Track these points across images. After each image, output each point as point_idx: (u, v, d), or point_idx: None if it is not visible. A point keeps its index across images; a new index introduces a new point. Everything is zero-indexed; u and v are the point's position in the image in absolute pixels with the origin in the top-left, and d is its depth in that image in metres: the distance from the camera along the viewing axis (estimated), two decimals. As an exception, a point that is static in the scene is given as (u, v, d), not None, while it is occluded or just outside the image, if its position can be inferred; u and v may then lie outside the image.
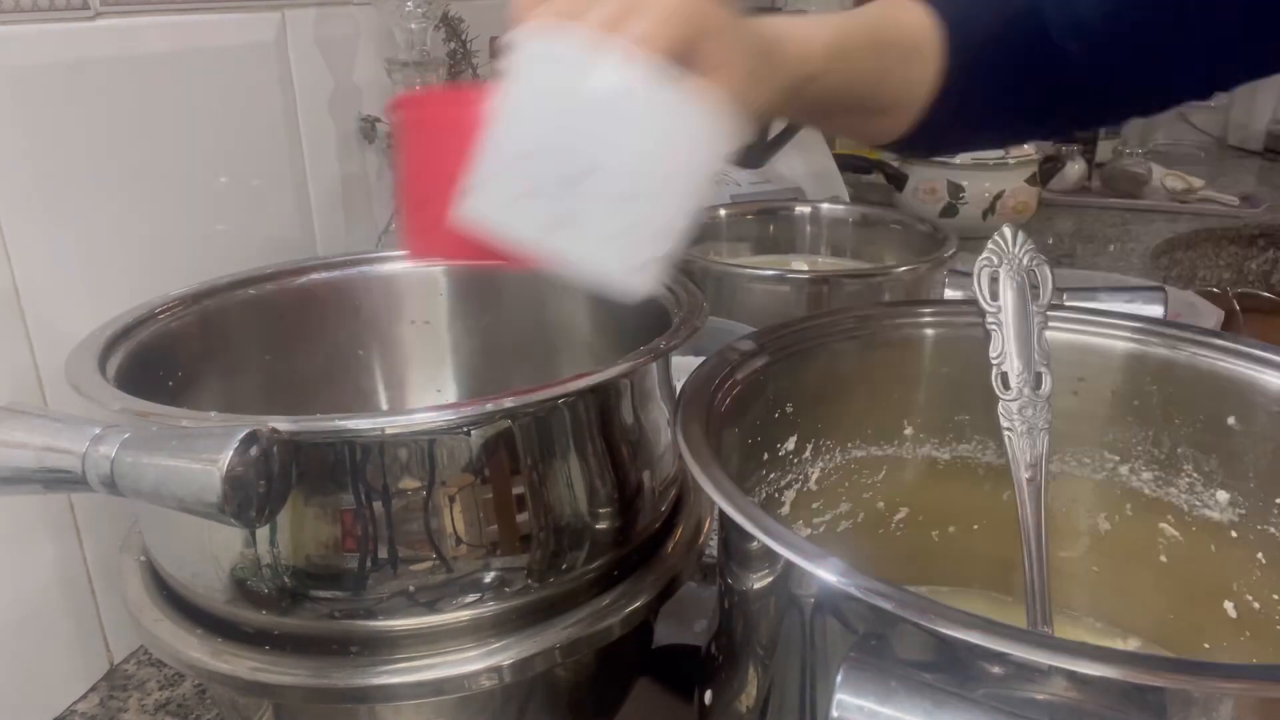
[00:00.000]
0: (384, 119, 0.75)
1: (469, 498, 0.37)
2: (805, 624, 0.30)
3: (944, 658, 0.26)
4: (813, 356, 0.44)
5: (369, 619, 0.37)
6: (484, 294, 0.60)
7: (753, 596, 0.34)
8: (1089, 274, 0.87)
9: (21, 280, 0.49)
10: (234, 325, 0.53)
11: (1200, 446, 0.44)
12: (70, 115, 0.51)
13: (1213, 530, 0.43)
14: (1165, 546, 0.45)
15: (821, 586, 0.29)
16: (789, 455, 0.45)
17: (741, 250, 1.00)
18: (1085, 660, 0.23)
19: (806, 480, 0.46)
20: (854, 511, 0.48)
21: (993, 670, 0.25)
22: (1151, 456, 0.45)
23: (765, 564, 0.32)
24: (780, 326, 0.44)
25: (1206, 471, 0.44)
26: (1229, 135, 2.08)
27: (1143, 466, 0.46)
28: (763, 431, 0.43)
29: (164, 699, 0.53)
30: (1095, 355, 0.45)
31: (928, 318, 0.47)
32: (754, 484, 0.43)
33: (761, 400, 0.42)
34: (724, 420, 0.38)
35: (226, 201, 0.62)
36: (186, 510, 0.30)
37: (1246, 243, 1.46)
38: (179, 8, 0.58)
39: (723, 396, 0.39)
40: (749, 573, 0.33)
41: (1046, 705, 0.24)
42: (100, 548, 0.54)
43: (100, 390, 0.38)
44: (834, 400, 0.46)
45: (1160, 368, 0.44)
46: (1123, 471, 0.46)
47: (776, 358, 0.43)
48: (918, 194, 1.32)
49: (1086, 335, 0.45)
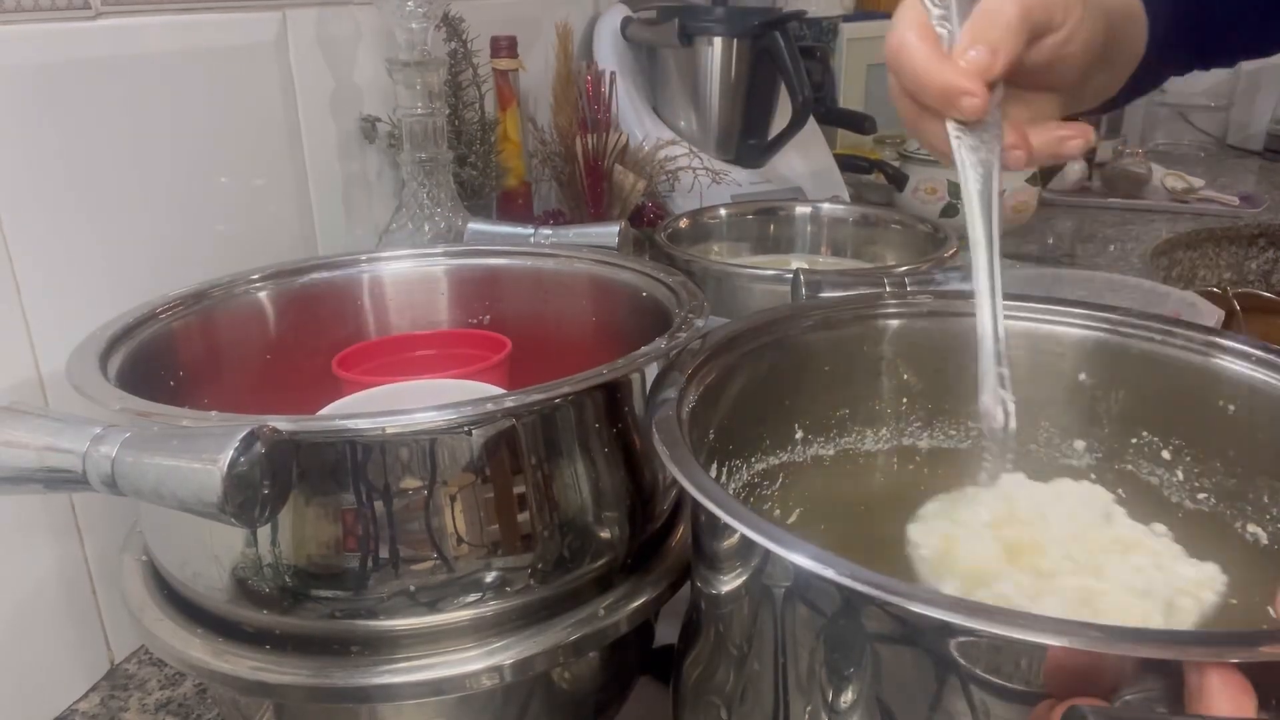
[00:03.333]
0: (384, 118, 0.75)
1: (470, 497, 0.37)
2: (776, 615, 0.31)
3: (914, 636, 0.27)
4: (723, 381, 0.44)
5: (370, 619, 0.37)
6: (484, 294, 0.60)
7: (724, 584, 0.34)
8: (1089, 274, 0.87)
9: (22, 280, 0.49)
10: (234, 325, 0.53)
11: (1055, 403, 0.46)
12: (70, 115, 0.51)
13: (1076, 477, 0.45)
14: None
15: (797, 572, 0.29)
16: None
17: (741, 250, 1.00)
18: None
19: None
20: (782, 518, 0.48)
21: (963, 644, 0.26)
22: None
23: (735, 549, 0.33)
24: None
25: (1064, 425, 0.46)
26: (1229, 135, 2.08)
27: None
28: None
29: (165, 698, 0.53)
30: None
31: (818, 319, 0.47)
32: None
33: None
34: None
35: (226, 201, 0.62)
36: (187, 510, 0.30)
37: (1246, 243, 1.46)
38: (179, 8, 0.58)
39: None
40: (719, 561, 0.34)
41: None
42: (101, 548, 0.54)
43: (101, 390, 0.38)
44: (737, 418, 0.45)
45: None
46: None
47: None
48: (918, 194, 1.32)
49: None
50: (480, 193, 0.85)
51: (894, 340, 0.48)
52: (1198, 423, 0.43)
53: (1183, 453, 0.43)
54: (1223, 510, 0.42)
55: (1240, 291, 1.09)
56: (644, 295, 0.53)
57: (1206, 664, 0.22)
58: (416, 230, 0.73)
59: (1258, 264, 1.47)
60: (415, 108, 0.70)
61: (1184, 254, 1.42)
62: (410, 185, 0.72)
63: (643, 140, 1.07)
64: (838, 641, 0.29)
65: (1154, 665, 0.24)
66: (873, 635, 0.28)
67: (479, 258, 0.61)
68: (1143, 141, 2.08)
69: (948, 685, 0.27)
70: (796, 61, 1.03)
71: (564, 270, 0.59)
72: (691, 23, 1.06)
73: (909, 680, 0.28)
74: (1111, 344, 0.45)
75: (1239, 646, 0.22)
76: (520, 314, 0.60)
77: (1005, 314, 0.45)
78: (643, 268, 0.55)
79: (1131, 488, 0.45)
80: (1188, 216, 1.46)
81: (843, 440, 0.48)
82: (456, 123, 0.83)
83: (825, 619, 0.29)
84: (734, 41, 1.06)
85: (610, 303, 0.57)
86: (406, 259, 0.60)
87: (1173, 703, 0.23)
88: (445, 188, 0.73)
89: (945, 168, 1.28)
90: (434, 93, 0.70)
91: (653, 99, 1.15)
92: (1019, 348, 0.47)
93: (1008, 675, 0.26)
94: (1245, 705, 0.22)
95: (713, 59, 1.07)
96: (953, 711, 0.27)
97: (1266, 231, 1.45)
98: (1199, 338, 0.43)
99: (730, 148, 1.12)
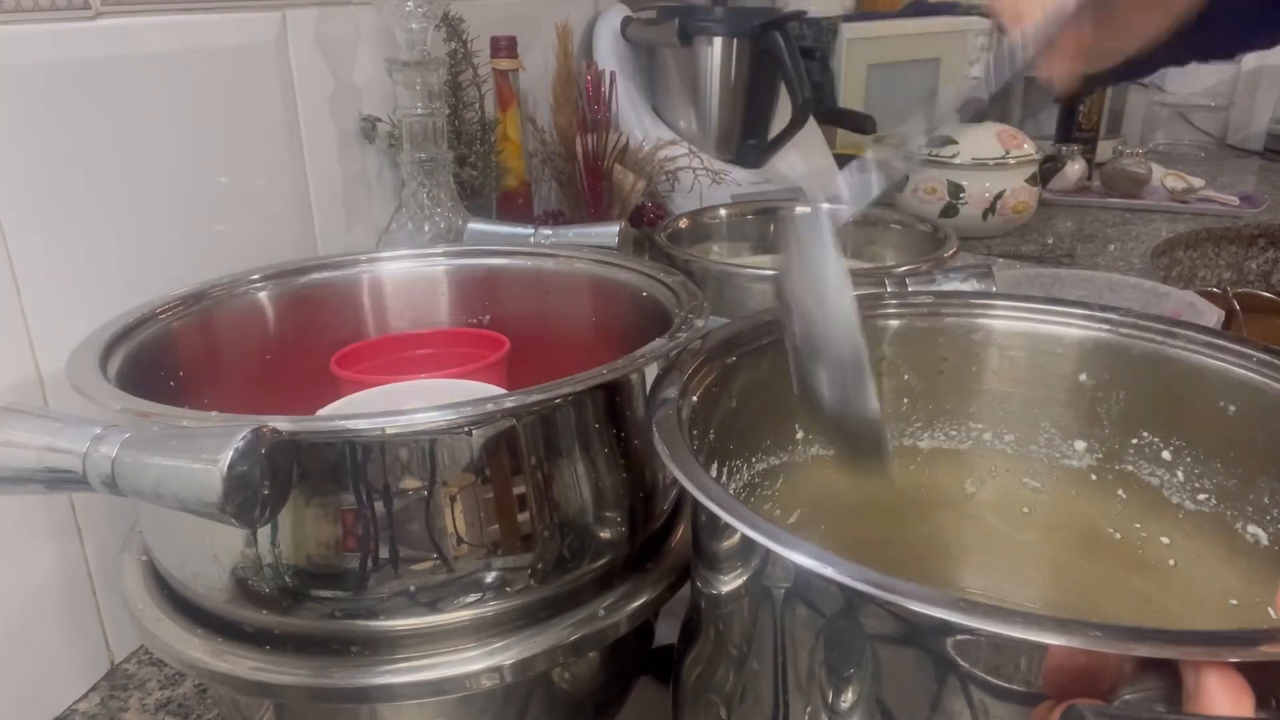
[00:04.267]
0: (384, 118, 0.75)
1: (470, 497, 0.37)
2: (776, 613, 0.31)
3: (914, 636, 0.27)
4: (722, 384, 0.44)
5: (370, 619, 0.37)
6: (484, 294, 0.61)
7: (724, 584, 0.34)
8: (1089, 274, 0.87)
9: (22, 280, 0.49)
10: (234, 325, 0.53)
11: (1055, 404, 0.47)
12: (70, 115, 0.51)
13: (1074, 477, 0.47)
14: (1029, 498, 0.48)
15: (797, 571, 0.29)
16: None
17: (741, 250, 1.00)
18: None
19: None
20: (783, 518, 0.48)
21: (962, 643, 0.26)
22: (1015, 419, 0.48)
23: (736, 549, 0.33)
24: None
25: (1064, 425, 0.47)
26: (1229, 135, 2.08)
27: (1005, 430, 0.48)
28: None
29: (165, 698, 0.53)
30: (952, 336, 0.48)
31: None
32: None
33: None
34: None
35: (226, 201, 0.62)
36: (187, 510, 0.30)
37: (1246, 243, 1.46)
38: (179, 8, 0.58)
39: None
40: (720, 561, 0.34)
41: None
42: (101, 547, 0.54)
43: (101, 390, 0.38)
44: (737, 418, 0.46)
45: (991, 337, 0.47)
46: (987, 438, 0.49)
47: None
48: (918, 194, 1.32)
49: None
50: (480, 193, 0.85)
51: (894, 340, 0.48)
52: (1199, 424, 0.43)
53: (1183, 453, 0.43)
54: (1223, 511, 0.42)
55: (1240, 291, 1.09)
56: (644, 295, 0.53)
57: (1204, 663, 0.22)
58: (416, 230, 0.73)
59: (1258, 264, 1.47)
60: (415, 108, 0.70)
61: (1184, 254, 1.42)
62: (410, 185, 0.72)
63: (642, 140, 1.07)
64: (838, 641, 0.29)
65: (1152, 665, 0.23)
66: (873, 635, 0.28)
67: (479, 258, 0.61)
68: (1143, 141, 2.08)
69: (947, 685, 0.27)
70: (796, 61, 1.03)
71: (564, 270, 0.59)
72: (691, 23, 1.06)
73: (909, 680, 0.28)
74: (1112, 344, 0.45)
75: (1237, 646, 0.22)
76: (520, 314, 0.60)
77: (1005, 314, 0.46)
78: (642, 268, 0.55)
79: (1132, 489, 0.45)
80: (1188, 216, 1.46)
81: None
82: (456, 123, 0.83)
83: (825, 619, 0.29)
84: (734, 41, 1.06)
85: (610, 303, 0.57)
86: (406, 259, 0.60)
87: (1171, 703, 0.23)
88: (445, 188, 0.73)
89: (945, 168, 1.29)
90: (434, 93, 0.70)
91: (653, 99, 1.15)
92: (1019, 348, 0.47)
93: (1007, 675, 0.26)
94: (1243, 705, 0.22)
95: (713, 59, 1.08)
96: (952, 712, 0.27)
97: (1266, 231, 1.45)
98: (1200, 338, 0.43)
99: (730, 148, 1.12)
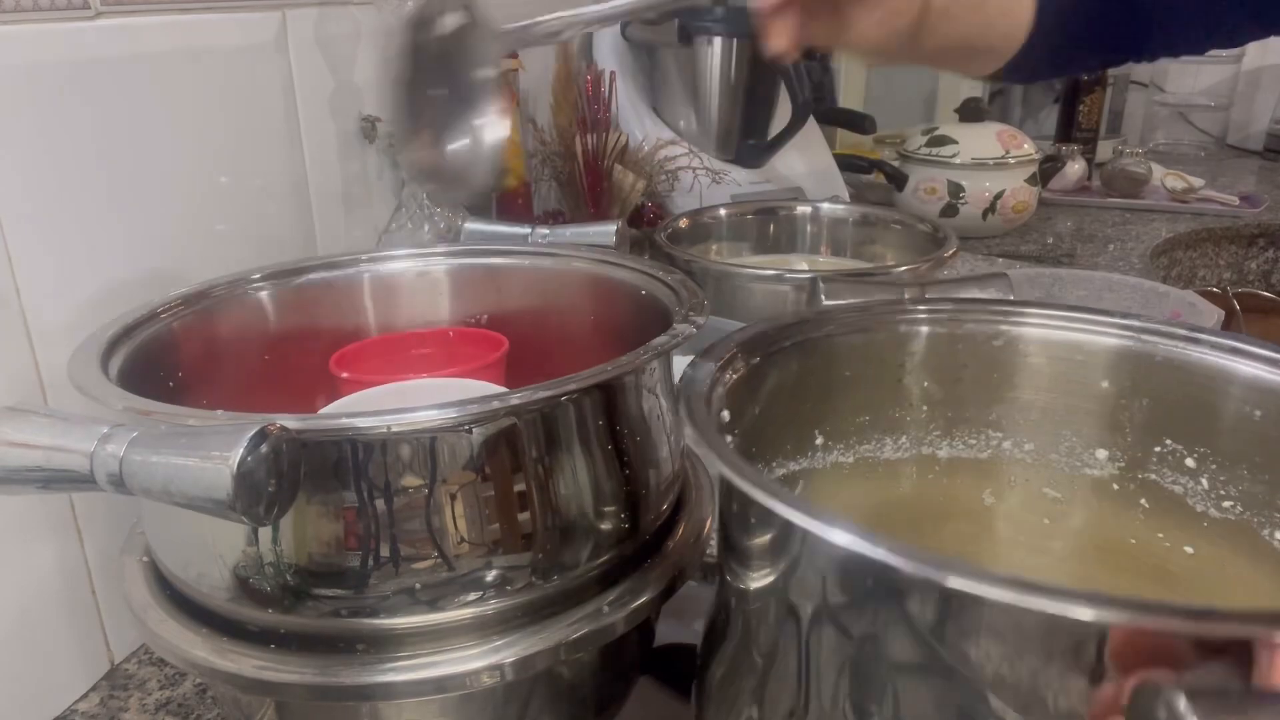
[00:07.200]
0: (384, 118, 0.75)
1: (472, 495, 0.37)
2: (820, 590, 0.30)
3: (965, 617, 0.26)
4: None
5: (372, 617, 0.37)
6: (483, 293, 0.61)
7: (754, 579, 0.33)
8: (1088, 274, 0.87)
9: (22, 280, 0.49)
10: (234, 325, 0.53)
11: (1077, 411, 0.46)
12: (70, 115, 0.51)
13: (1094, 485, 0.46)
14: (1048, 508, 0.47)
15: (838, 555, 0.29)
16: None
17: (741, 250, 1.00)
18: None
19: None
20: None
21: (1019, 624, 0.25)
22: (1036, 427, 0.47)
23: (771, 533, 0.32)
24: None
25: (1085, 434, 0.46)
26: (1229, 135, 2.08)
27: (1025, 439, 0.48)
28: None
29: (165, 698, 0.53)
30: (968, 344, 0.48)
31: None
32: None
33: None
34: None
35: (226, 201, 0.62)
36: (196, 508, 0.30)
37: (1246, 243, 1.46)
38: (179, 8, 0.58)
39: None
40: (752, 551, 0.33)
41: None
42: (101, 547, 0.54)
43: (104, 390, 0.38)
44: (761, 421, 0.45)
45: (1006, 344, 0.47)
46: (1006, 447, 0.48)
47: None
48: (918, 194, 1.32)
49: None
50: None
51: (915, 348, 0.47)
52: (1223, 429, 0.42)
53: (1208, 460, 0.42)
54: (1249, 518, 0.41)
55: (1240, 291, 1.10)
56: (643, 294, 0.53)
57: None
58: (416, 230, 0.73)
59: (1257, 264, 1.48)
60: (415, 108, 0.70)
61: (1184, 254, 1.42)
62: (410, 185, 0.72)
63: (642, 140, 1.07)
64: (883, 628, 0.28)
65: (1219, 647, 0.23)
66: (919, 619, 0.27)
67: (478, 257, 0.61)
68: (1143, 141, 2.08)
69: (1005, 669, 0.26)
70: (796, 61, 1.03)
71: (563, 269, 0.59)
72: (691, 23, 1.06)
73: (968, 667, 0.27)
74: (1134, 351, 0.44)
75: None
76: (520, 313, 0.60)
77: (1026, 321, 0.45)
78: (642, 266, 0.55)
79: (1155, 497, 0.44)
80: (1187, 216, 1.47)
81: (862, 447, 0.48)
82: (456, 123, 0.83)
83: (872, 607, 0.29)
84: (734, 41, 1.06)
85: (609, 301, 0.57)
86: (406, 259, 0.60)
87: (1242, 682, 0.23)
88: (445, 188, 0.73)
89: (945, 167, 1.29)
90: (434, 93, 0.70)
91: (653, 99, 1.15)
92: (1040, 355, 0.46)
93: (1073, 656, 0.25)
94: None
95: (713, 59, 1.08)
96: (1012, 697, 0.26)
97: (1266, 231, 1.45)
98: (1224, 344, 0.42)
99: (730, 148, 1.12)
